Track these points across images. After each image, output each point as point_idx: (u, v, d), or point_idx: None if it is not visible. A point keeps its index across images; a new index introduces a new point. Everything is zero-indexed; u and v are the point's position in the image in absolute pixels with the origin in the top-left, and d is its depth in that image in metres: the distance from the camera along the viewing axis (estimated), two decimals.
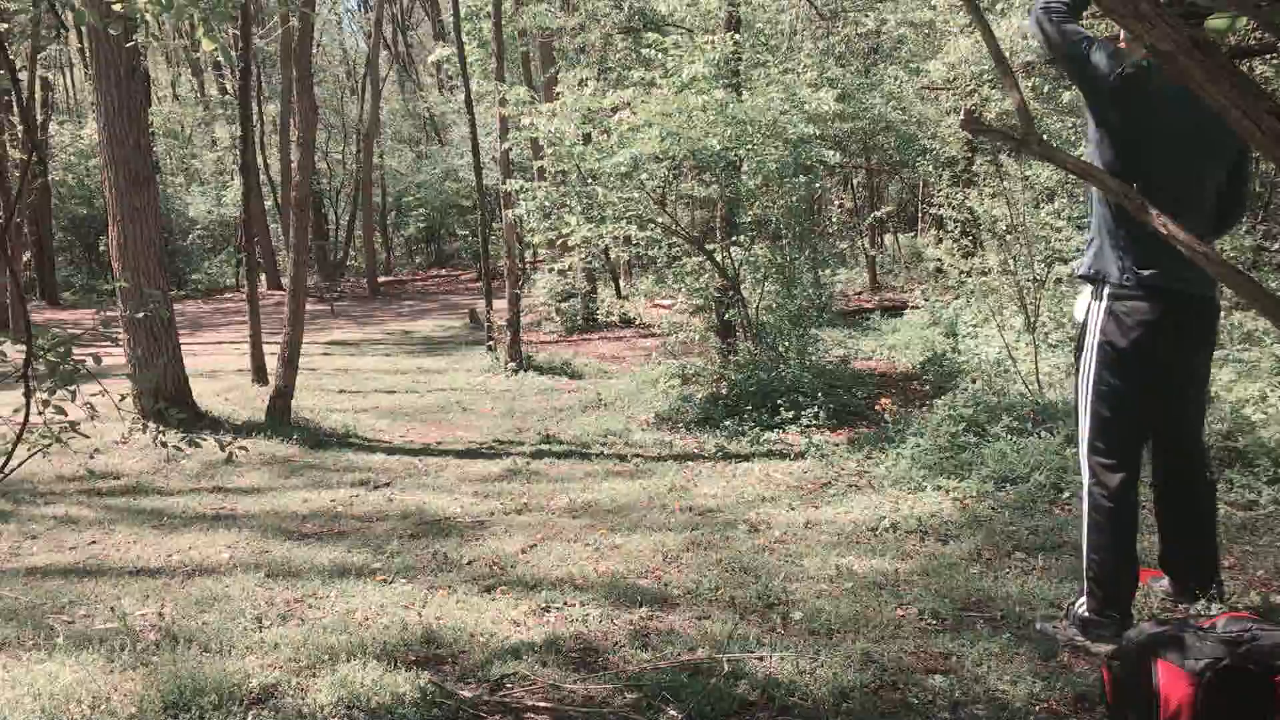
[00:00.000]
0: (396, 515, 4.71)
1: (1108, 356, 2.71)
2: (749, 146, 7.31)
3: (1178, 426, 2.86)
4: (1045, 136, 2.76)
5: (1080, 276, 2.81)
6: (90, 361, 2.69)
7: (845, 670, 2.71)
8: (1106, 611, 2.75)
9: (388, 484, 5.39)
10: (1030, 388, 6.07)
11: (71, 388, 2.62)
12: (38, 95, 17.11)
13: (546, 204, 7.97)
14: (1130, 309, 2.66)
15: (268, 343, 8.98)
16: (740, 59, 8.26)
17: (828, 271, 9.30)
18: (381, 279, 23.60)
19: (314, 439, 6.58)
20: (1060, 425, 5.10)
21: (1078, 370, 2.83)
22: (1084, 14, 2.82)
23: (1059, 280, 6.91)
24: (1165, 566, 3.03)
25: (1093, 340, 2.74)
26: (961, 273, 7.25)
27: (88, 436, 2.84)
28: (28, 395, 2.51)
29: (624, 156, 7.14)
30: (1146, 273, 2.62)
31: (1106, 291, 2.70)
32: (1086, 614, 2.79)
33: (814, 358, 7.42)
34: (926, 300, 10.09)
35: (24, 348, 2.50)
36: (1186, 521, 2.89)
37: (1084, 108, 2.75)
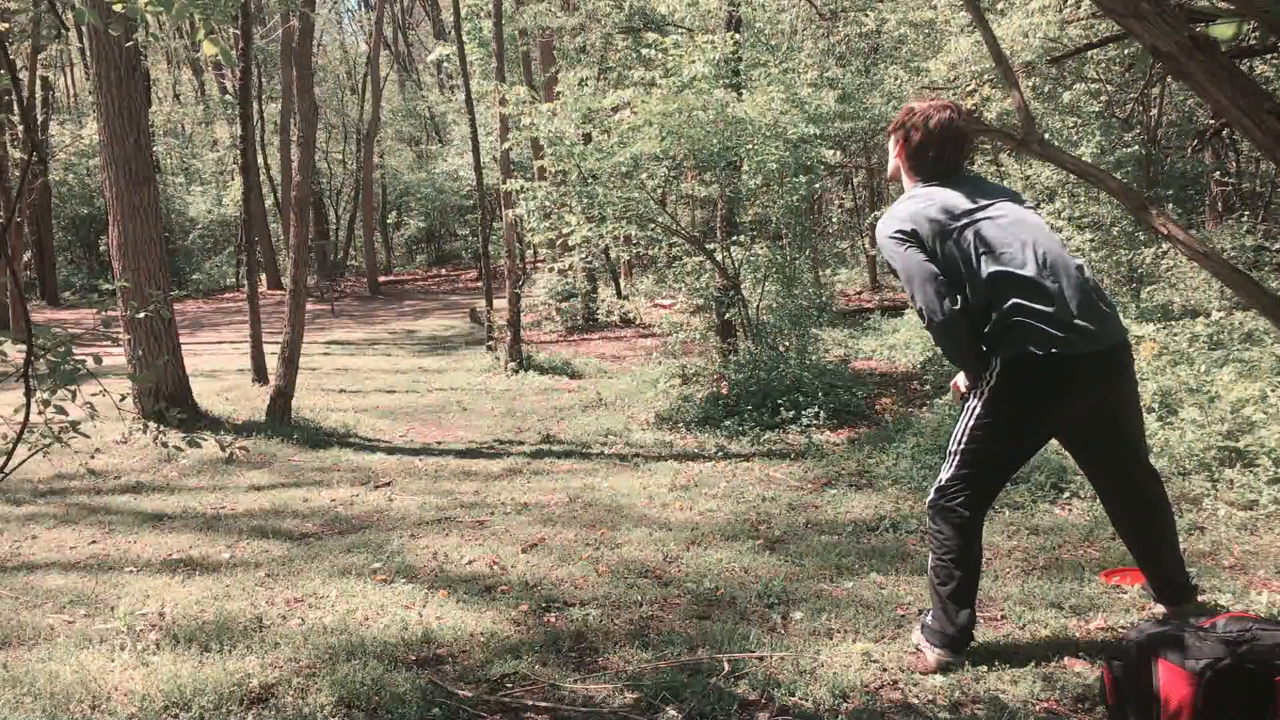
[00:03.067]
0: (396, 515, 4.71)
1: (993, 416, 2.69)
2: (749, 146, 7.32)
3: (1111, 459, 2.84)
4: (1045, 136, 2.77)
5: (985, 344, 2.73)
6: (90, 361, 2.69)
7: (845, 670, 2.71)
8: (938, 618, 2.77)
9: (388, 484, 5.39)
10: None
11: (71, 387, 2.62)
12: (38, 95, 17.10)
13: (547, 204, 7.98)
14: (1022, 376, 2.63)
15: (268, 342, 8.98)
16: (740, 59, 8.26)
17: (828, 271, 9.33)
18: (382, 279, 23.61)
19: (314, 438, 6.58)
20: None
21: (964, 411, 2.79)
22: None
23: None
24: (1140, 569, 3.03)
25: (985, 393, 2.70)
26: None
27: (88, 436, 2.83)
28: (28, 395, 2.51)
29: (624, 156, 7.15)
30: (1033, 344, 2.59)
31: (999, 361, 2.66)
32: (927, 620, 2.82)
33: (814, 357, 7.42)
34: None
35: (24, 347, 2.50)
36: (1148, 530, 2.88)
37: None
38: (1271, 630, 2.23)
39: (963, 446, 2.77)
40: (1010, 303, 2.60)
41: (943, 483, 2.82)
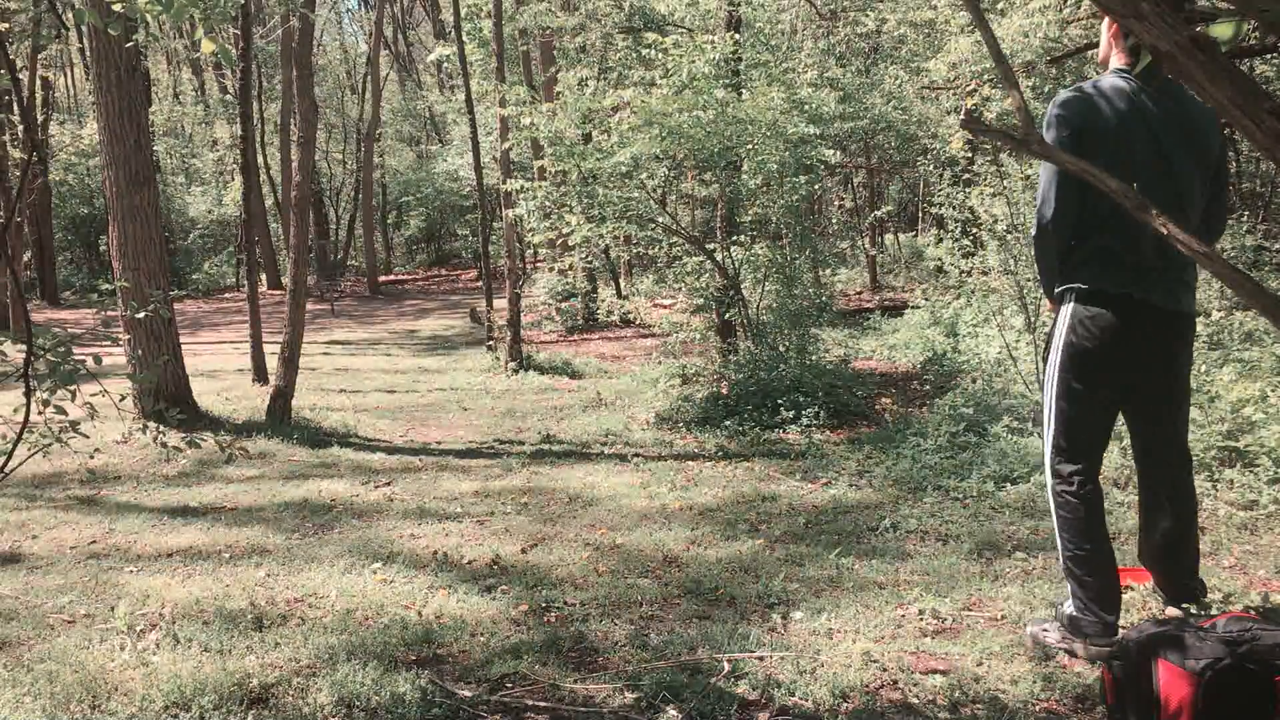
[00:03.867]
0: (396, 514, 4.71)
1: (1071, 359, 2.78)
2: (749, 146, 7.32)
3: (1157, 431, 2.88)
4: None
5: (1059, 290, 2.85)
6: (90, 361, 2.69)
7: (845, 670, 2.71)
8: (1092, 608, 2.76)
9: (388, 483, 5.39)
10: (1030, 387, 6.07)
11: (71, 387, 2.62)
12: (38, 95, 17.10)
13: (547, 204, 7.98)
14: (1094, 314, 2.72)
15: (268, 342, 8.98)
16: (740, 59, 8.26)
17: (828, 271, 9.30)
18: (382, 278, 23.61)
19: (314, 438, 6.58)
20: None
21: (1045, 374, 2.89)
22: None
23: None
24: (1151, 567, 3.03)
25: (1058, 343, 2.81)
26: (962, 272, 7.24)
27: (87, 436, 2.84)
28: (28, 395, 2.51)
29: (624, 156, 7.15)
30: (1108, 282, 2.70)
31: (1074, 297, 2.77)
32: (1073, 613, 2.80)
33: (814, 357, 7.42)
34: (927, 300, 10.09)
35: (24, 347, 2.50)
36: (1172, 524, 2.90)
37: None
38: (1271, 630, 2.23)
39: (1055, 399, 2.83)
40: (1106, 238, 2.69)
41: (1050, 461, 2.87)
